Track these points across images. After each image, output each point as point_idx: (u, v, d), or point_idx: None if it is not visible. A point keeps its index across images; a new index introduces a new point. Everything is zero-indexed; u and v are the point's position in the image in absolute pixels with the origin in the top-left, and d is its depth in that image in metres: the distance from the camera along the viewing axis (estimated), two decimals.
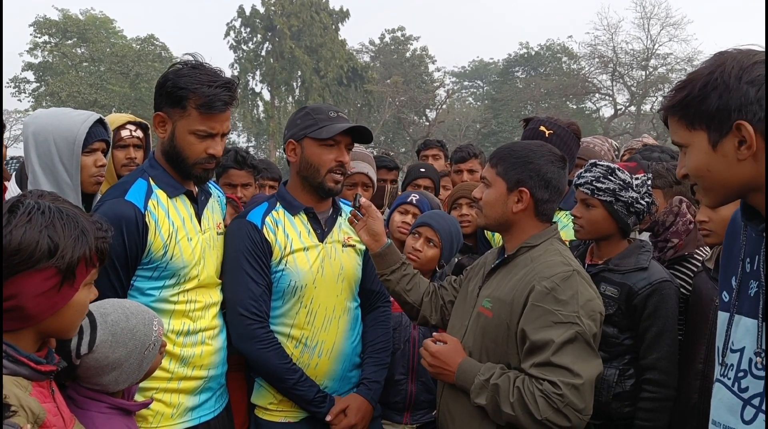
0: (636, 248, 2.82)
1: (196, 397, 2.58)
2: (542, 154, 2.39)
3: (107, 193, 2.56)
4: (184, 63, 2.49)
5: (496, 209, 2.39)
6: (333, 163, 2.72)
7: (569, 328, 2.15)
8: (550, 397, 2.09)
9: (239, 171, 3.83)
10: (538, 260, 2.31)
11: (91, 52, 38.33)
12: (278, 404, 2.76)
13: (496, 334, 2.31)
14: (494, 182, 2.39)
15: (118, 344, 1.98)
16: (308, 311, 2.74)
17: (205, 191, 2.70)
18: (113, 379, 2.01)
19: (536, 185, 2.35)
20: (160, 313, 2.42)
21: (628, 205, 2.75)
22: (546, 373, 2.12)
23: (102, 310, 2.03)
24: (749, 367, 1.59)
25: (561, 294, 2.19)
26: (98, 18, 39.52)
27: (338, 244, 2.85)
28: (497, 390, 2.18)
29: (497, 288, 2.37)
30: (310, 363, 2.74)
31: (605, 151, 4.32)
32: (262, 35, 40.94)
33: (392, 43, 46.33)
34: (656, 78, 36.30)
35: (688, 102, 1.53)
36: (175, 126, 2.47)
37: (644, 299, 2.68)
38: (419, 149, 5.97)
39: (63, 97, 34.34)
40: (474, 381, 2.24)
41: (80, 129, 2.68)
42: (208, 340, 2.60)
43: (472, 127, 44.84)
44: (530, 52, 45.92)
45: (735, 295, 1.65)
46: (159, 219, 2.46)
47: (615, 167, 2.79)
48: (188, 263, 2.51)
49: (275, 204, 2.82)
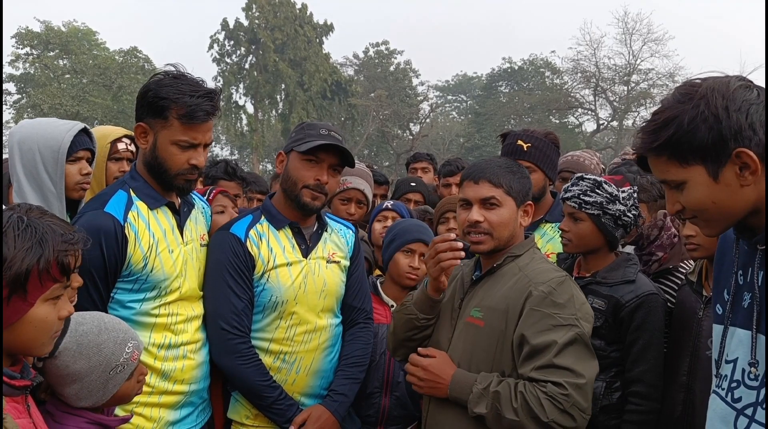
0: (623, 261, 2.83)
1: (177, 411, 2.54)
2: (517, 166, 2.51)
3: (87, 204, 2.53)
4: (166, 73, 2.47)
5: (508, 228, 2.39)
6: (311, 180, 2.69)
7: (569, 330, 2.19)
8: (556, 398, 2.11)
9: (229, 182, 3.86)
10: (529, 268, 2.35)
11: (74, 64, 38.11)
12: (254, 419, 2.74)
13: (488, 344, 2.30)
14: (505, 201, 2.38)
15: (81, 355, 1.93)
16: (288, 326, 2.71)
17: (188, 202, 2.66)
18: (74, 393, 1.95)
19: (530, 198, 2.47)
20: (141, 327, 2.40)
21: (616, 218, 2.77)
22: (548, 374, 2.14)
23: (79, 319, 1.99)
24: (742, 377, 1.61)
25: (558, 298, 2.23)
26: (81, 30, 39.35)
27: (322, 260, 2.82)
28: (498, 397, 2.17)
29: (485, 297, 2.37)
30: (288, 378, 2.72)
31: (594, 164, 4.37)
32: (246, 48, 40.93)
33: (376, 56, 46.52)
34: (638, 93, 36.67)
35: (678, 139, 1.53)
36: (157, 136, 2.44)
37: (631, 312, 2.68)
38: (408, 162, 5.98)
39: (45, 109, 34.11)
40: (472, 390, 2.22)
41: (65, 137, 2.68)
42: (190, 354, 2.56)
43: (455, 141, 45.07)
44: (513, 67, 46.31)
45: (729, 307, 1.66)
46: (139, 231, 2.42)
47: (602, 180, 2.80)
48: (169, 275, 2.47)
49: (260, 217, 2.79)
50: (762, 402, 1.55)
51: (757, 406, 1.57)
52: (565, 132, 40.37)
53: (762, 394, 1.56)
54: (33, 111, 35.14)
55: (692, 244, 2.68)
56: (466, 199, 2.43)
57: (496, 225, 2.36)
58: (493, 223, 2.36)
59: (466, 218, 2.40)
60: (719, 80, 1.54)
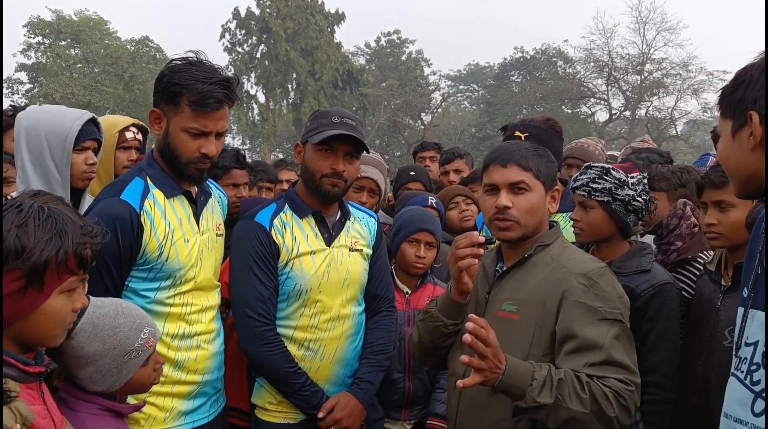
0: (638, 250, 2.81)
1: (190, 401, 2.53)
2: (543, 150, 2.36)
3: (103, 191, 2.51)
4: (183, 59, 2.44)
5: (537, 215, 2.26)
6: (328, 169, 2.68)
7: (614, 324, 2.09)
8: (621, 393, 1.99)
9: (241, 170, 3.84)
10: (563, 257, 2.23)
11: (85, 54, 38.24)
12: (277, 405, 2.75)
13: (522, 338, 2.15)
14: (534, 186, 2.24)
15: (96, 337, 1.94)
16: (312, 315, 2.71)
17: (204, 191, 2.65)
18: (88, 376, 1.96)
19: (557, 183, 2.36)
20: (155, 316, 2.39)
21: (626, 204, 2.75)
22: (606, 371, 2.01)
23: (98, 302, 2.00)
24: (762, 360, 1.60)
25: (601, 290, 2.12)
26: (92, 19, 39.45)
27: (345, 248, 2.82)
28: (561, 386, 1.97)
29: (517, 290, 2.23)
30: (312, 366, 2.72)
31: (599, 151, 4.39)
32: (257, 37, 40.91)
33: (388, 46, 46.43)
34: (651, 83, 36.41)
35: (724, 92, 1.66)
36: (169, 123, 2.42)
37: (646, 302, 2.65)
38: (416, 151, 5.99)
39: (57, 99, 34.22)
40: (534, 377, 1.97)
41: (73, 126, 2.67)
42: (204, 344, 2.55)
43: (467, 130, 44.96)
44: (526, 56, 46.07)
45: (751, 288, 1.67)
46: (155, 219, 2.40)
47: (609, 167, 2.79)
48: (184, 265, 2.46)
49: (283, 205, 2.80)
50: None
51: None
52: (578, 122, 40.19)
53: None
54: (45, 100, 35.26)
55: (713, 233, 2.66)
56: (492, 184, 2.27)
57: (525, 211, 2.22)
58: (522, 209, 2.22)
59: (494, 204, 2.24)
60: None
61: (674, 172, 3.33)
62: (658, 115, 36.97)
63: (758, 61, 1.59)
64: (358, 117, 2.84)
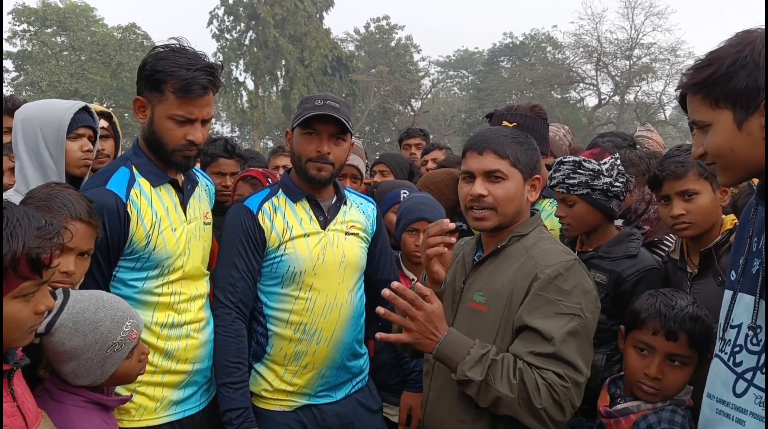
0: (626, 236, 2.84)
1: (181, 391, 2.54)
2: (524, 136, 2.31)
3: (88, 181, 2.51)
4: (166, 46, 2.43)
5: (514, 204, 2.21)
6: (313, 152, 2.68)
7: (572, 319, 2.06)
8: (555, 388, 1.99)
9: (228, 160, 3.85)
10: (536, 248, 2.19)
11: (72, 41, 37.84)
12: (273, 392, 2.74)
13: (489, 330, 2.16)
14: (511, 174, 2.19)
15: (77, 333, 1.93)
16: (307, 298, 2.71)
17: (191, 180, 2.65)
18: (71, 371, 1.95)
19: (539, 171, 2.29)
20: (143, 305, 2.40)
21: (605, 191, 2.77)
22: (549, 364, 2.01)
23: (78, 296, 1.99)
24: (745, 342, 1.63)
25: (564, 283, 2.09)
26: (78, 6, 39.00)
27: (341, 232, 2.81)
28: (494, 366, 2.02)
29: (489, 280, 2.22)
30: (308, 350, 2.72)
31: (561, 136, 4.36)
32: (246, 24, 40.60)
33: (377, 32, 46.17)
34: (640, 68, 36.43)
35: (715, 80, 1.52)
36: (154, 111, 2.42)
37: (632, 286, 2.69)
38: (401, 138, 6.04)
39: (43, 87, 33.95)
40: (469, 352, 2.04)
41: (65, 115, 2.70)
42: (194, 333, 2.55)
43: (457, 116, 44.88)
44: (515, 42, 45.99)
45: (740, 272, 1.68)
46: (141, 208, 2.40)
47: (581, 160, 2.79)
48: (172, 254, 2.46)
49: (277, 190, 2.81)
50: (762, 367, 1.57)
51: (757, 371, 1.59)
52: (567, 107, 40.19)
53: (762, 359, 1.57)
54: (31, 88, 34.97)
55: (684, 223, 2.61)
56: (468, 171, 2.23)
57: (501, 200, 2.18)
58: (498, 197, 2.18)
59: (469, 192, 2.21)
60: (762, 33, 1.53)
61: (642, 158, 3.36)
62: (646, 100, 37.03)
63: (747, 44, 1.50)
64: (345, 100, 2.84)
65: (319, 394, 2.78)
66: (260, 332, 2.76)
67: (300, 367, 2.73)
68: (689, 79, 1.58)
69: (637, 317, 2.30)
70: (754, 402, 1.58)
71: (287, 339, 2.70)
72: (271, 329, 2.73)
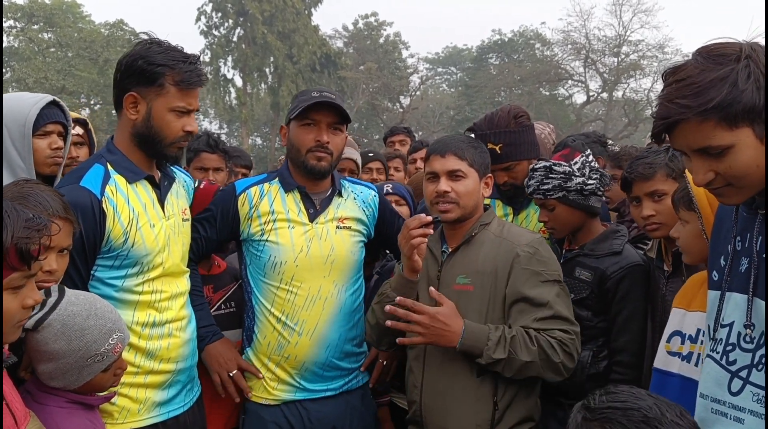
0: (611, 233, 2.86)
1: (165, 391, 2.51)
2: (477, 141, 2.71)
3: (62, 180, 2.48)
4: (149, 41, 2.44)
5: (473, 198, 2.57)
6: (312, 142, 2.70)
7: (554, 284, 2.47)
8: (565, 342, 2.40)
9: (211, 155, 3.81)
10: (505, 232, 2.58)
11: (59, 38, 37.52)
12: (258, 380, 2.78)
13: (479, 305, 2.49)
14: (469, 173, 2.56)
15: (63, 336, 1.91)
16: (288, 289, 2.72)
17: (167, 176, 2.63)
18: (47, 371, 1.94)
19: (490, 171, 2.69)
20: (123, 305, 2.37)
21: (580, 191, 2.79)
22: (552, 324, 2.41)
23: (73, 298, 1.97)
24: (738, 340, 1.63)
25: (541, 256, 2.50)
26: (65, 2, 38.64)
27: (331, 224, 2.80)
28: (514, 342, 2.37)
29: (469, 264, 2.55)
30: (291, 340, 2.73)
31: (546, 134, 4.36)
32: (234, 20, 40.35)
33: (365, 29, 46.04)
34: (628, 65, 36.51)
35: (731, 99, 1.43)
36: (152, 105, 2.41)
37: (616, 283, 2.72)
38: (386, 136, 6.07)
39: (30, 83, 33.62)
40: (489, 338, 2.38)
41: (31, 111, 2.60)
42: (176, 331, 2.53)
43: (446, 113, 44.84)
44: (504, 39, 45.92)
45: (727, 272, 1.68)
46: (118, 205, 2.37)
47: (550, 164, 2.81)
48: (151, 250, 2.43)
49: (274, 178, 2.85)
50: (757, 364, 1.58)
51: (752, 368, 1.59)
52: (555, 104, 40.28)
53: (758, 356, 1.58)
54: (18, 85, 34.66)
55: (654, 224, 2.67)
56: (433, 172, 2.58)
57: (462, 195, 2.54)
58: (460, 193, 2.53)
59: (435, 190, 2.56)
60: (747, 43, 1.49)
61: (629, 152, 3.38)
62: (634, 97, 37.13)
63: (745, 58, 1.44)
64: (338, 93, 2.85)
65: (303, 386, 2.77)
66: (250, 318, 2.81)
67: (282, 358, 2.74)
68: (696, 106, 1.46)
69: None
70: (752, 400, 1.58)
71: (270, 328, 2.73)
72: (258, 317, 2.78)
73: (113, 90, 2.49)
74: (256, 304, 2.79)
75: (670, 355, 2.33)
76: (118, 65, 2.46)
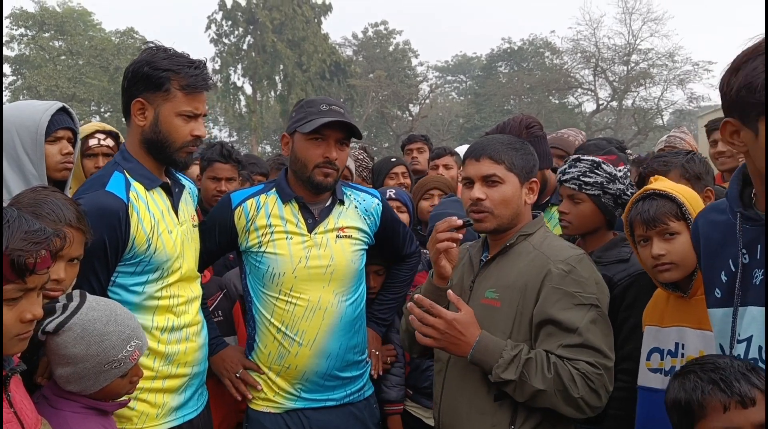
0: (619, 240, 2.82)
1: (181, 395, 2.52)
2: (521, 142, 2.43)
3: (84, 186, 2.46)
4: (155, 48, 2.46)
5: (511, 206, 2.33)
6: (320, 158, 2.65)
7: (590, 309, 2.18)
8: (589, 376, 2.11)
9: (224, 164, 3.82)
10: (544, 245, 2.31)
11: (69, 45, 37.89)
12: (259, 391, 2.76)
13: (505, 323, 2.26)
14: (507, 178, 2.32)
15: (82, 340, 1.91)
16: (287, 300, 2.70)
17: (178, 183, 2.63)
18: (65, 375, 1.93)
19: (536, 175, 2.40)
20: (144, 310, 2.38)
21: (616, 198, 2.76)
22: (579, 354, 2.13)
23: (94, 303, 1.98)
24: (759, 354, 1.59)
25: (578, 276, 2.20)
26: (76, 10, 39.09)
27: (332, 234, 2.77)
28: (528, 365, 2.13)
29: (500, 277, 2.32)
30: (291, 351, 2.70)
31: (579, 141, 4.37)
32: (244, 28, 40.65)
33: (375, 37, 46.28)
34: (637, 73, 36.53)
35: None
36: (159, 111, 2.41)
37: (623, 290, 2.67)
38: (404, 144, 6.06)
39: (41, 91, 33.95)
40: (502, 355, 2.15)
41: (42, 117, 2.64)
42: (192, 336, 2.54)
43: (455, 121, 44.96)
44: (513, 47, 46.07)
45: (739, 286, 1.63)
46: (140, 211, 2.38)
47: (600, 161, 2.79)
48: (171, 256, 2.44)
49: (270, 188, 2.81)
50: None
51: None
52: (565, 112, 40.27)
53: None
54: (29, 93, 34.97)
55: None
56: (468, 177, 2.37)
57: (497, 203, 2.31)
58: (495, 200, 2.31)
59: (469, 196, 2.35)
60: None
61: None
62: (644, 106, 37.14)
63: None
64: (344, 104, 2.84)
65: (303, 396, 2.75)
66: (251, 327, 2.80)
67: (283, 368, 2.72)
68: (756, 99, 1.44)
69: (690, 409, 1.67)
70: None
71: (271, 338, 2.72)
72: (258, 326, 2.76)
73: (122, 97, 2.50)
74: (256, 313, 2.76)
75: (652, 372, 2.33)
76: (125, 73, 2.47)
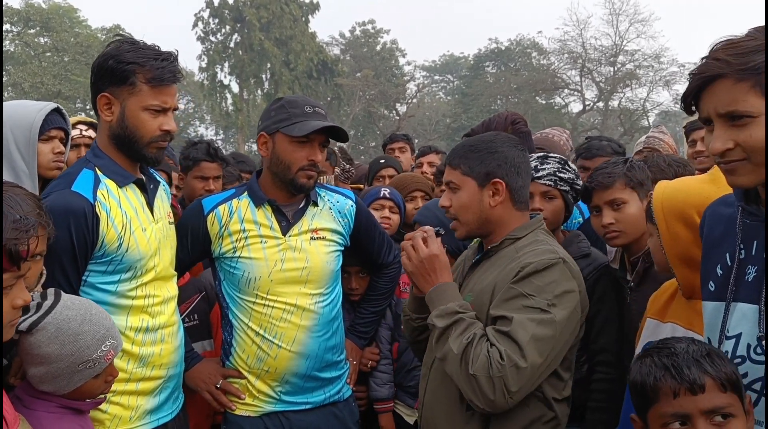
0: (574, 237, 2.92)
1: (155, 398, 2.48)
2: (502, 141, 2.32)
3: (52, 185, 2.43)
4: (121, 41, 2.41)
5: (472, 211, 2.25)
6: (305, 161, 2.64)
7: (537, 313, 2.04)
8: (492, 362, 1.97)
9: (211, 163, 3.81)
10: (525, 250, 2.20)
11: (55, 42, 37.58)
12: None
13: None
14: (462, 183, 2.26)
15: (56, 340, 1.89)
16: (264, 304, 2.68)
17: (153, 179, 2.60)
18: (38, 375, 1.92)
19: (507, 173, 2.25)
20: (117, 310, 2.34)
21: (576, 194, 2.86)
22: (500, 340, 2.01)
23: (68, 302, 1.96)
24: (747, 352, 1.56)
25: (540, 280, 2.08)
26: (62, 7, 38.78)
27: (305, 235, 2.75)
28: (458, 324, 2.07)
29: (479, 281, 2.26)
30: (270, 353, 2.69)
31: (564, 140, 4.38)
32: (231, 27, 40.43)
33: (362, 36, 46.20)
34: (624, 74, 36.71)
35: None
36: (125, 105, 2.36)
37: (592, 285, 2.68)
38: (385, 143, 6.12)
39: (26, 88, 33.66)
40: (447, 305, 2.11)
41: (36, 117, 2.67)
42: (168, 337, 2.50)
43: (442, 121, 44.97)
44: (500, 47, 46.13)
45: (733, 281, 1.61)
46: (111, 209, 2.34)
47: (565, 158, 2.88)
48: (144, 254, 2.40)
49: (242, 192, 2.78)
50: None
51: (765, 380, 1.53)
52: (551, 113, 40.39)
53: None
54: (14, 89, 34.65)
55: (614, 232, 2.69)
56: None
57: (458, 209, 2.27)
58: (456, 207, 2.27)
59: None
60: None
61: (670, 164, 3.32)
62: (630, 107, 37.33)
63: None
64: (322, 104, 2.84)
65: (284, 399, 2.74)
66: (228, 332, 2.78)
67: (262, 371, 2.71)
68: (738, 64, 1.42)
69: (643, 391, 1.67)
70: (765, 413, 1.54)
71: (249, 342, 2.70)
72: (235, 332, 2.74)
73: (90, 93, 2.45)
74: (233, 318, 2.74)
75: None
76: (92, 67, 2.42)
